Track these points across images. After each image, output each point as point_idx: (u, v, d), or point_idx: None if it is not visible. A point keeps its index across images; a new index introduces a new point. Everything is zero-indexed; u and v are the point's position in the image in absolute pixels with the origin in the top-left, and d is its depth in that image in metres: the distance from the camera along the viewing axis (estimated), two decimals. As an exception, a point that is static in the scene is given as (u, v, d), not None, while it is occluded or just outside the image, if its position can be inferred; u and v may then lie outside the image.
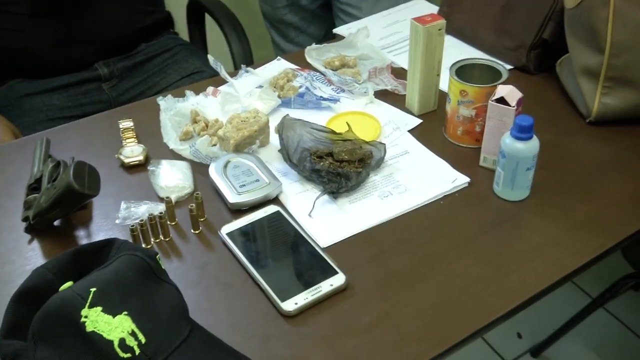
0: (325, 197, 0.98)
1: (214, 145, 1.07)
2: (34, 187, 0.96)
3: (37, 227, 0.93)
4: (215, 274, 0.88)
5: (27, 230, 0.94)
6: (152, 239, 0.93)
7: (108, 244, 0.82)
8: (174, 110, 1.13)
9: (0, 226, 0.96)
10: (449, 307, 0.83)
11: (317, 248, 0.90)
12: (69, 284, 0.76)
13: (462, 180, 1.01)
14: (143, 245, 0.92)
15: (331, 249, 0.90)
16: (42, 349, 0.69)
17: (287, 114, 1.08)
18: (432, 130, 1.13)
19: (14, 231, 0.95)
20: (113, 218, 0.96)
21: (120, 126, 1.10)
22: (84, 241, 0.94)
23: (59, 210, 0.90)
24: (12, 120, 1.39)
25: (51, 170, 0.96)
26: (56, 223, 0.96)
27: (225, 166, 1.02)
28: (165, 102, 1.16)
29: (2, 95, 1.46)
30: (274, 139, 1.08)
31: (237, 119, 1.06)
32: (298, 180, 1.02)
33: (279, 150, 1.04)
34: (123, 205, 0.97)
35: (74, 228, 0.96)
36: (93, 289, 0.71)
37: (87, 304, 0.70)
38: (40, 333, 0.70)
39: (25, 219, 0.93)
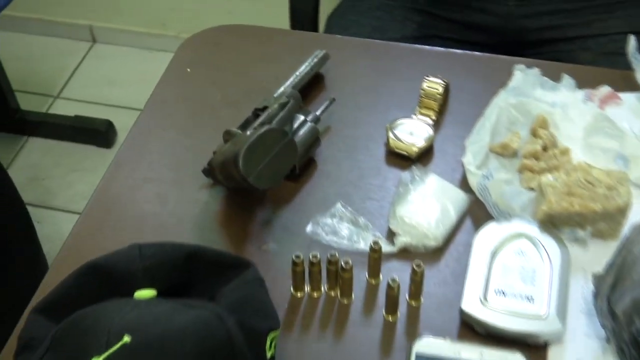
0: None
1: (530, 189, 0.62)
2: (258, 113, 0.68)
3: (208, 176, 0.66)
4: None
5: (205, 172, 0.67)
6: (325, 287, 0.59)
7: (238, 265, 0.55)
8: (522, 99, 0.69)
9: (199, 134, 0.72)
10: None
11: None
12: (149, 293, 0.52)
13: None
14: (306, 290, 0.59)
15: None
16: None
17: (671, 217, 0.56)
18: None
19: (203, 155, 0.68)
20: (308, 220, 0.63)
21: (423, 85, 0.71)
22: (252, 227, 0.64)
23: (223, 178, 0.61)
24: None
25: (276, 108, 0.65)
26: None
27: (505, 243, 0.58)
28: (523, 76, 0.71)
29: None
30: (630, 237, 0.57)
31: (580, 173, 0.58)
32: (600, 338, 0.53)
33: (594, 275, 0.55)
34: (338, 208, 0.63)
35: (258, 202, 0.66)
36: (127, 339, 0.47)
37: (104, 354, 0.46)
38: (58, 342, 0.50)
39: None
